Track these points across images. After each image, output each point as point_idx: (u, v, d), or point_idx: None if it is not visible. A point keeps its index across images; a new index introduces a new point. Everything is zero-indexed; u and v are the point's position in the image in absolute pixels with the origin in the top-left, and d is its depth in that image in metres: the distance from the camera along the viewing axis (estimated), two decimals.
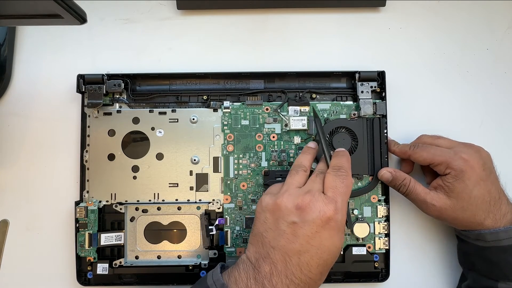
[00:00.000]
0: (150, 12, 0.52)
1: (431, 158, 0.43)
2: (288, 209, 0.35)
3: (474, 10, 0.52)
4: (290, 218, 0.35)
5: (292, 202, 0.36)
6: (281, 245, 0.35)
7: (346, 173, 0.39)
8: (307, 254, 0.34)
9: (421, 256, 0.49)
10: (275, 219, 0.36)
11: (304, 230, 0.34)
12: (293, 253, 0.34)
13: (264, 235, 0.36)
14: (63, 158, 0.50)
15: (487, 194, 0.42)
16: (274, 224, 0.36)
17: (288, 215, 0.35)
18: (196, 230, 0.48)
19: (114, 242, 0.47)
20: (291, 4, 0.52)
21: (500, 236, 0.41)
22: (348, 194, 0.38)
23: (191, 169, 0.48)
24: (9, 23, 0.43)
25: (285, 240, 0.35)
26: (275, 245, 0.35)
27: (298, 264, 0.34)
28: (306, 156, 0.43)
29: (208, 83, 0.50)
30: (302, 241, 0.34)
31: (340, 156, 0.41)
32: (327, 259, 0.35)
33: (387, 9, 0.52)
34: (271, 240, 0.35)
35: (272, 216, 0.36)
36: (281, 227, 0.35)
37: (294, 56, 0.52)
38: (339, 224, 0.36)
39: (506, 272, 0.41)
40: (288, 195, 0.37)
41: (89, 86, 0.48)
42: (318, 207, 0.35)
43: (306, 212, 0.35)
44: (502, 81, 0.51)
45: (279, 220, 0.36)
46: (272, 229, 0.36)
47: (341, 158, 0.41)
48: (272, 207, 0.37)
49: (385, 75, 0.48)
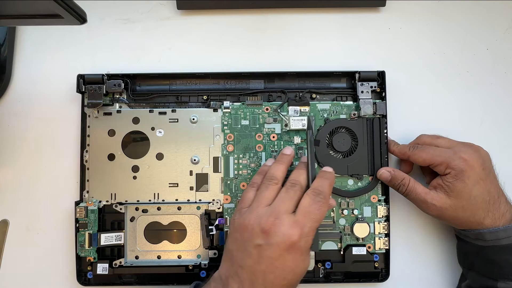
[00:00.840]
0: (150, 12, 0.52)
1: (430, 159, 0.43)
2: (255, 232, 0.36)
3: (474, 10, 0.52)
4: (256, 241, 0.36)
5: (258, 225, 0.36)
6: (248, 265, 0.36)
7: (325, 200, 0.38)
8: (272, 275, 0.36)
9: (421, 256, 0.49)
10: (243, 240, 0.37)
11: (268, 253, 0.36)
12: (259, 273, 0.36)
13: (234, 254, 0.38)
14: (63, 158, 0.50)
15: (486, 193, 0.42)
16: (242, 245, 0.37)
17: (254, 237, 0.36)
18: (196, 230, 0.48)
19: (114, 242, 0.47)
20: (291, 4, 0.52)
21: (499, 235, 0.41)
22: (320, 220, 0.38)
23: (191, 169, 0.48)
24: (9, 23, 0.43)
25: (251, 261, 0.36)
26: (243, 264, 0.36)
27: (263, 284, 0.36)
28: (279, 167, 0.42)
29: (208, 83, 0.50)
30: (267, 262, 0.36)
31: (324, 178, 0.40)
32: (291, 279, 0.36)
33: (387, 9, 0.52)
34: (239, 260, 0.37)
35: (241, 237, 0.37)
36: (248, 248, 0.36)
37: (294, 56, 0.52)
38: (302, 248, 0.36)
39: (506, 271, 0.41)
40: (255, 217, 0.37)
41: (89, 86, 0.48)
42: (282, 231, 0.36)
43: (271, 235, 0.36)
44: (502, 81, 0.51)
45: (246, 242, 0.37)
46: (241, 249, 0.37)
47: (324, 182, 0.39)
48: (241, 228, 0.38)
49: (385, 75, 0.48)
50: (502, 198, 0.43)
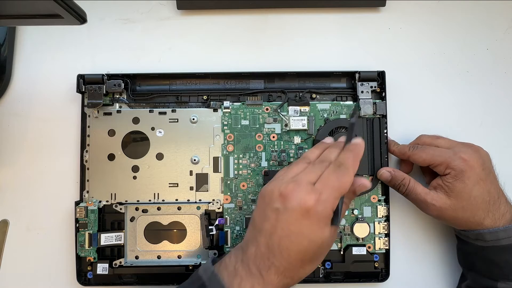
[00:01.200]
0: (150, 12, 0.52)
1: (430, 159, 0.43)
2: (274, 196, 0.36)
3: (474, 10, 0.52)
4: (274, 205, 0.36)
5: (278, 189, 0.36)
6: (266, 229, 0.36)
7: (347, 170, 0.37)
8: (287, 239, 0.35)
9: (421, 256, 0.49)
10: (265, 204, 0.37)
11: (285, 217, 0.35)
12: (275, 237, 0.35)
13: (255, 219, 0.38)
14: (63, 158, 0.50)
15: (486, 193, 0.42)
16: (263, 210, 0.37)
17: (273, 201, 0.36)
18: (196, 230, 0.48)
19: (114, 242, 0.47)
20: (291, 4, 0.52)
21: (499, 235, 0.41)
22: (341, 191, 0.36)
23: (191, 169, 0.48)
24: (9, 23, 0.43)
25: (269, 225, 0.36)
26: (262, 228, 0.36)
27: (279, 248, 0.35)
28: (314, 150, 0.42)
29: (208, 83, 0.50)
30: (283, 226, 0.35)
31: (349, 151, 0.39)
32: (307, 246, 0.35)
33: (387, 9, 0.52)
34: (259, 224, 0.37)
35: (263, 202, 0.38)
36: (267, 213, 0.37)
37: (294, 56, 0.52)
38: (319, 215, 0.35)
39: (506, 271, 0.41)
40: (276, 183, 0.38)
41: (89, 86, 0.48)
42: (299, 196, 0.35)
43: (288, 199, 0.35)
44: (502, 81, 0.51)
45: (267, 206, 0.37)
46: (261, 214, 0.37)
47: (348, 154, 0.38)
48: (263, 193, 0.38)
49: (385, 75, 0.48)
50: (502, 198, 0.43)
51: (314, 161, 0.40)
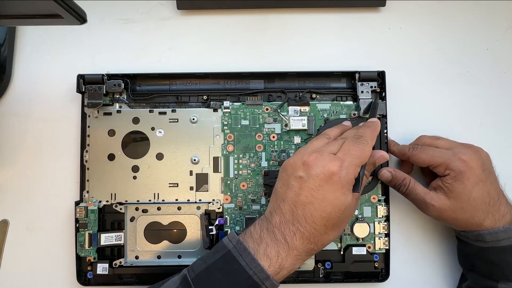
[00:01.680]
0: (150, 12, 0.52)
1: (429, 160, 0.43)
2: (297, 165, 0.38)
3: (474, 10, 0.52)
4: (298, 173, 0.38)
5: (300, 159, 0.38)
6: (290, 197, 0.38)
7: (366, 142, 0.39)
8: (311, 206, 0.37)
9: (421, 256, 0.49)
10: (287, 175, 0.39)
11: (308, 184, 0.37)
12: (299, 204, 0.37)
13: (278, 191, 0.39)
14: (63, 158, 0.50)
15: (486, 195, 0.42)
16: (286, 180, 0.39)
17: (296, 170, 0.38)
18: (196, 230, 0.48)
19: (114, 242, 0.47)
20: (291, 4, 0.52)
21: (499, 236, 0.41)
22: (361, 159, 0.38)
23: (191, 169, 0.48)
24: (9, 23, 0.43)
25: (292, 193, 0.38)
26: (285, 197, 0.38)
27: (303, 214, 0.37)
28: (336, 130, 0.44)
29: (208, 83, 0.50)
30: (306, 193, 0.37)
31: (366, 126, 0.42)
32: (330, 212, 0.37)
33: (387, 9, 0.52)
34: (282, 194, 0.39)
35: (286, 173, 0.39)
36: (291, 182, 0.38)
37: (294, 56, 0.52)
38: (342, 181, 0.37)
39: (506, 272, 0.41)
40: (300, 154, 0.39)
41: (89, 86, 0.48)
42: (322, 163, 0.37)
43: (311, 167, 0.37)
44: (502, 81, 0.51)
45: (290, 176, 0.39)
46: (285, 184, 0.39)
47: (366, 129, 0.42)
48: (286, 165, 0.40)
49: (385, 75, 0.48)
50: (502, 199, 0.43)
51: (333, 139, 0.42)
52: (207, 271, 0.37)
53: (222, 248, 0.38)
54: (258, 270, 0.36)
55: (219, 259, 0.38)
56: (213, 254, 0.39)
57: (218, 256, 0.38)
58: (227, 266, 0.37)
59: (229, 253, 0.37)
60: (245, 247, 0.37)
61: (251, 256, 0.36)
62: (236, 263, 0.36)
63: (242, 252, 0.37)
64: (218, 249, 0.39)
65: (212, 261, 0.38)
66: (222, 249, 0.38)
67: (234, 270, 0.36)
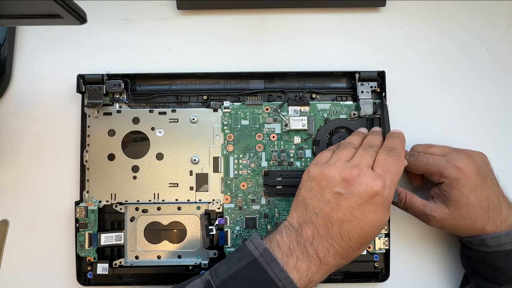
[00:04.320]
0: (150, 12, 0.52)
1: (423, 168, 0.43)
2: (335, 180, 0.36)
3: (474, 10, 0.52)
4: (336, 189, 0.36)
5: (339, 174, 0.36)
6: (325, 213, 0.36)
7: (399, 154, 0.38)
8: (349, 224, 0.35)
9: (421, 256, 0.49)
10: (320, 188, 0.37)
11: (348, 201, 0.36)
12: (336, 221, 0.36)
13: (308, 202, 0.38)
14: (63, 158, 0.50)
15: (484, 199, 0.41)
16: (320, 193, 0.37)
17: (334, 185, 0.36)
18: (196, 230, 0.48)
19: (114, 242, 0.47)
20: (291, 4, 0.52)
21: (501, 240, 0.41)
22: (399, 174, 0.38)
23: (191, 169, 0.48)
24: (9, 23, 0.43)
25: (329, 209, 0.36)
26: (319, 212, 0.36)
27: (340, 232, 0.36)
28: (356, 137, 0.43)
29: (208, 83, 0.50)
30: (345, 211, 0.36)
31: (394, 137, 0.41)
32: (368, 231, 0.36)
33: (387, 9, 0.52)
34: (315, 207, 0.37)
35: (318, 186, 0.37)
36: (326, 196, 0.37)
37: (294, 56, 0.52)
38: (385, 200, 0.36)
39: (510, 276, 0.41)
40: (336, 167, 0.37)
41: (89, 86, 0.48)
42: (365, 182, 0.36)
43: (353, 184, 0.36)
44: (502, 81, 0.51)
45: (325, 190, 0.37)
46: (317, 197, 0.37)
47: (395, 140, 0.40)
48: (319, 177, 0.38)
49: (385, 75, 0.48)
50: (503, 202, 0.42)
51: (360, 146, 0.41)
52: (233, 278, 0.35)
53: (247, 255, 0.36)
54: (287, 282, 0.34)
55: (245, 266, 0.36)
56: (237, 260, 0.37)
57: (243, 263, 0.36)
58: (255, 275, 0.35)
59: (255, 261, 0.35)
60: (273, 257, 0.35)
61: (280, 267, 0.35)
62: (264, 274, 0.35)
63: (271, 262, 0.35)
64: (243, 255, 0.37)
65: (237, 268, 0.36)
66: (247, 256, 0.36)
67: (263, 280, 0.35)
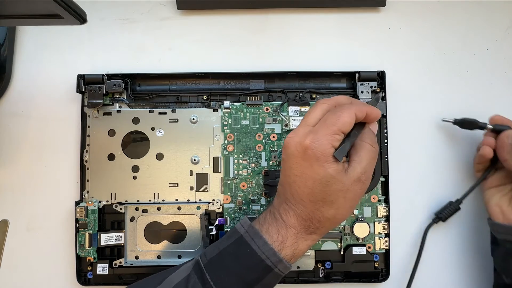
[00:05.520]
0: (150, 12, 0.52)
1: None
2: (283, 148, 0.39)
3: (474, 10, 0.52)
4: (282, 156, 0.39)
5: (284, 142, 0.38)
6: (281, 180, 0.39)
7: (346, 108, 0.37)
8: (294, 184, 0.37)
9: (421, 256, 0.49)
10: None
11: (288, 163, 0.37)
12: (286, 184, 0.38)
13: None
14: (63, 158, 0.50)
15: None
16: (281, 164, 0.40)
17: (282, 153, 0.39)
18: (196, 230, 0.48)
19: (114, 242, 0.47)
20: (291, 4, 0.52)
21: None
22: (337, 126, 0.36)
23: (191, 169, 0.48)
24: (9, 23, 0.43)
25: (282, 176, 0.39)
26: (280, 181, 0.39)
27: (291, 193, 0.37)
28: (335, 99, 0.40)
29: (208, 83, 0.50)
30: (288, 173, 0.37)
31: (345, 96, 0.40)
32: (312, 187, 0.36)
33: (387, 9, 0.52)
34: (280, 177, 0.40)
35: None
36: (281, 165, 0.39)
37: (294, 56, 0.52)
38: (316, 153, 0.35)
39: None
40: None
41: (89, 86, 0.48)
42: (296, 140, 0.37)
43: (287, 147, 0.37)
44: (502, 81, 0.51)
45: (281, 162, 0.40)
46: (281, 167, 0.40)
47: (342, 98, 0.40)
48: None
49: (385, 75, 0.48)
50: None
51: (329, 107, 0.40)
52: (219, 256, 0.38)
53: (234, 233, 0.38)
54: (270, 253, 0.36)
55: (231, 244, 0.38)
56: (226, 239, 0.39)
57: (230, 241, 0.38)
58: (239, 250, 0.37)
59: (241, 238, 0.37)
60: (256, 231, 0.37)
61: (263, 240, 0.37)
62: (248, 247, 0.37)
63: (254, 236, 0.37)
64: (231, 234, 0.39)
65: (224, 246, 0.38)
66: (234, 234, 0.38)
67: (246, 254, 0.36)
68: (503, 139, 0.44)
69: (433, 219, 0.48)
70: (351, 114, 0.37)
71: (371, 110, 0.38)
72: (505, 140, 0.43)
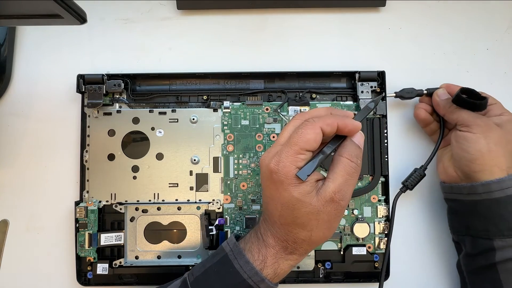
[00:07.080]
0: (150, 12, 0.52)
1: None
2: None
3: (474, 10, 0.52)
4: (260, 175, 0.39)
5: (259, 161, 0.39)
6: (262, 201, 0.40)
7: (313, 122, 0.35)
8: (268, 206, 0.38)
9: (421, 256, 0.49)
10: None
11: (262, 184, 0.38)
12: (264, 204, 0.39)
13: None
14: (63, 158, 0.50)
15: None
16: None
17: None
18: (196, 230, 0.48)
19: (114, 242, 0.47)
20: (291, 4, 0.52)
21: (491, 187, 0.40)
22: (300, 145, 0.34)
23: (191, 169, 0.48)
24: (9, 23, 0.43)
25: (262, 194, 0.41)
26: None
27: (267, 215, 0.38)
28: (311, 112, 0.38)
29: (208, 83, 0.50)
30: (263, 193, 0.38)
31: (324, 108, 0.38)
32: (281, 210, 0.36)
33: (387, 9, 0.52)
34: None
35: None
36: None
37: (294, 56, 0.52)
38: (280, 177, 0.34)
39: (501, 227, 0.40)
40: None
41: (89, 86, 0.48)
42: (265, 163, 0.36)
43: (261, 168, 0.38)
44: (502, 81, 0.51)
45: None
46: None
47: (321, 111, 0.38)
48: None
49: (385, 75, 0.48)
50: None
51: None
52: (204, 274, 0.38)
53: (220, 251, 0.39)
54: (252, 273, 0.36)
55: (216, 262, 0.38)
56: (212, 257, 0.39)
57: (216, 259, 0.38)
58: (223, 269, 0.37)
59: (226, 256, 0.38)
60: (240, 250, 0.37)
61: (245, 258, 0.37)
62: (231, 266, 0.37)
63: (237, 255, 0.37)
64: (217, 252, 0.39)
65: (210, 264, 0.38)
66: (220, 252, 0.39)
67: (229, 273, 0.37)
68: (435, 97, 0.46)
69: (400, 188, 0.47)
70: (315, 130, 0.34)
71: (344, 122, 0.35)
72: (436, 98, 0.46)
